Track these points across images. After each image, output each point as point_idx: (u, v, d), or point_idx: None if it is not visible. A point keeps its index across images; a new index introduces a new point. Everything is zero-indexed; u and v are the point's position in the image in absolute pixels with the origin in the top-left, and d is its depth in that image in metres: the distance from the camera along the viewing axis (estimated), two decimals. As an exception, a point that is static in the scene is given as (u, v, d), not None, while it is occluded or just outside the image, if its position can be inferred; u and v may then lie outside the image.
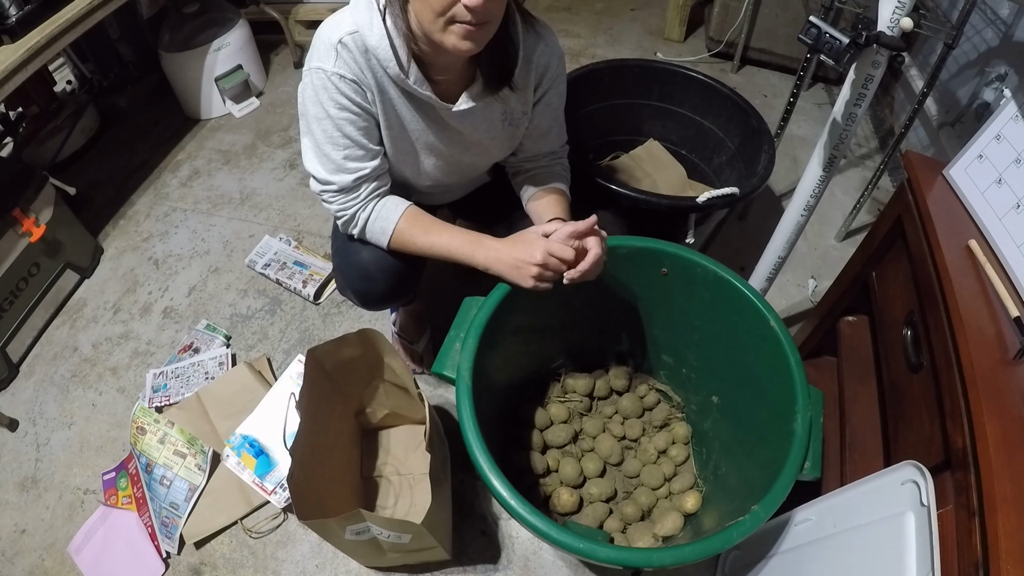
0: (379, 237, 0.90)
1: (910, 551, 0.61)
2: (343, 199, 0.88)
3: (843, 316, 1.09)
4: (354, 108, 0.82)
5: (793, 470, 0.77)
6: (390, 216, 0.89)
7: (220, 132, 2.01)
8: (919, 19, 1.00)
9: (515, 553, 1.10)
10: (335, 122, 0.82)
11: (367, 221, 0.90)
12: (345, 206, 0.89)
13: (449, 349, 0.90)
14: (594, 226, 0.84)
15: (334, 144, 0.84)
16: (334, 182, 0.86)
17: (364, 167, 0.86)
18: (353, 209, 0.89)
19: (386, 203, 0.90)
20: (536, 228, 0.87)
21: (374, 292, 0.98)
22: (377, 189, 0.90)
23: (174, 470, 1.16)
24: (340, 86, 0.80)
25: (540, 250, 0.82)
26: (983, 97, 1.40)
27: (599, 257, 0.84)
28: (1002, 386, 0.61)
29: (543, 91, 0.92)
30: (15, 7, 1.30)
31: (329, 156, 0.85)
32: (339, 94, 0.81)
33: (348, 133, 0.83)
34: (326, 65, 0.79)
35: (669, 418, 1.16)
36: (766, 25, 2.00)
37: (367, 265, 0.94)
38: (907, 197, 0.86)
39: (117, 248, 1.66)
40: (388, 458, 1.20)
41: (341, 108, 0.82)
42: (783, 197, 1.73)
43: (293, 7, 2.16)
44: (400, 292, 1.02)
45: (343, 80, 0.80)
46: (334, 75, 0.79)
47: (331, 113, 0.82)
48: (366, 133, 0.85)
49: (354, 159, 0.85)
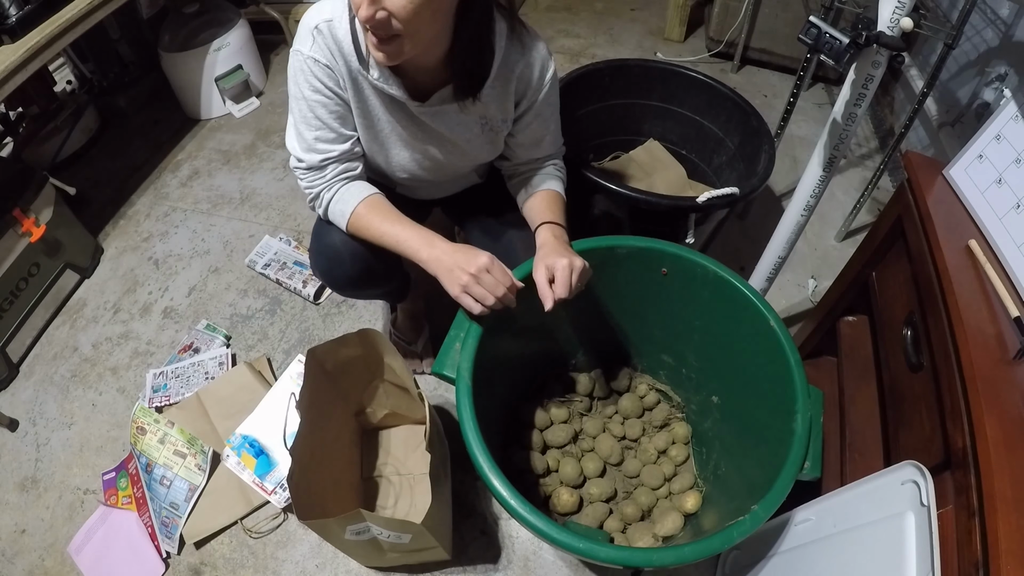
0: (339, 219, 0.92)
1: (910, 551, 0.61)
2: (311, 177, 0.91)
3: (843, 316, 1.08)
4: (327, 92, 0.84)
5: (793, 470, 0.77)
6: (351, 200, 0.90)
7: (220, 132, 2.02)
8: (919, 19, 1.00)
9: (515, 553, 1.10)
10: (309, 103, 0.85)
11: (330, 202, 0.92)
12: (312, 184, 0.91)
13: (449, 349, 0.90)
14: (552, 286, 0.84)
15: (308, 124, 0.87)
16: (304, 160, 0.89)
17: (332, 149, 0.88)
18: (318, 188, 0.91)
19: (351, 188, 0.91)
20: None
21: (340, 274, 0.99)
22: (344, 172, 0.91)
23: (174, 470, 1.16)
24: (314, 70, 0.83)
25: (480, 262, 0.82)
26: (983, 97, 1.40)
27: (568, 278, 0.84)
28: (1002, 386, 0.61)
29: (528, 103, 0.92)
30: (15, 7, 1.30)
31: (303, 135, 0.88)
32: (313, 77, 0.83)
33: (320, 115, 0.86)
34: (303, 48, 0.82)
35: (669, 418, 1.16)
36: (766, 25, 2.00)
37: (337, 246, 0.95)
38: (907, 197, 0.86)
39: (117, 248, 1.66)
40: (388, 458, 1.20)
41: (315, 91, 0.84)
42: (783, 197, 1.73)
43: (293, 7, 2.16)
44: (368, 279, 1.01)
45: (317, 64, 0.82)
46: (309, 59, 0.82)
47: (306, 95, 0.85)
48: (338, 117, 0.87)
49: (324, 141, 0.88)
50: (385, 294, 1.19)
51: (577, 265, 0.84)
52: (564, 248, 0.88)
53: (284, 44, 2.31)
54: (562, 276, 0.83)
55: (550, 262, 0.84)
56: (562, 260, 0.83)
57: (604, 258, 1.00)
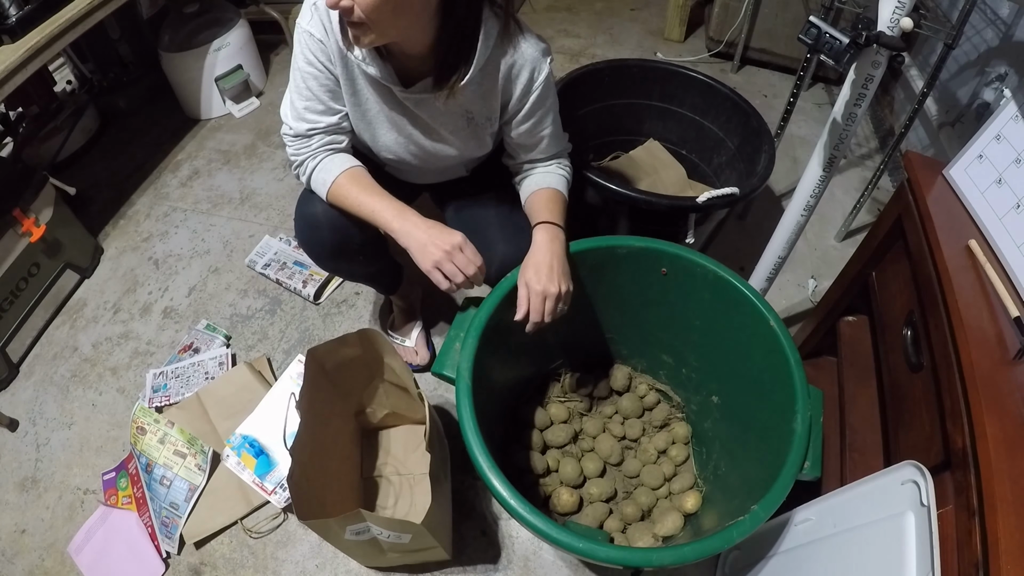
0: (320, 188, 0.94)
1: (910, 551, 0.61)
2: (297, 144, 0.93)
3: (843, 316, 1.09)
4: (318, 65, 0.87)
5: (793, 469, 0.77)
6: (333, 170, 0.92)
7: (220, 132, 2.01)
8: (919, 19, 1.00)
9: (515, 553, 1.10)
10: (302, 74, 0.88)
11: (313, 170, 0.94)
12: (298, 151, 0.94)
13: (449, 349, 0.90)
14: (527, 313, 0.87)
15: (300, 94, 0.90)
16: (293, 127, 0.92)
17: (320, 120, 0.91)
18: (303, 156, 0.93)
19: (334, 159, 0.94)
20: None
21: (318, 241, 1.00)
22: (329, 144, 0.93)
23: (174, 470, 1.16)
24: (308, 43, 0.86)
25: (454, 241, 0.85)
26: (983, 97, 1.40)
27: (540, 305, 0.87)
28: (1002, 386, 0.61)
29: (518, 105, 0.92)
30: (15, 7, 1.30)
31: (294, 104, 0.91)
32: (307, 49, 0.86)
33: (310, 87, 0.89)
34: (303, 21, 0.85)
35: (669, 418, 1.16)
36: (766, 25, 2.00)
37: (317, 214, 0.97)
38: (907, 197, 0.86)
39: (117, 248, 1.66)
40: (388, 458, 1.20)
41: (308, 63, 0.87)
42: (783, 197, 1.73)
43: (293, 7, 2.16)
44: (346, 251, 1.02)
45: (311, 38, 0.85)
46: (306, 32, 0.85)
47: (300, 66, 0.88)
48: (327, 91, 0.90)
49: (312, 112, 0.91)
50: (369, 277, 1.20)
51: (552, 292, 0.87)
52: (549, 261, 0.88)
53: (284, 44, 2.31)
54: (535, 303, 0.87)
55: (531, 282, 0.87)
56: (538, 287, 0.86)
57: (604, 258, 1.01)
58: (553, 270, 0.88)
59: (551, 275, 0.87)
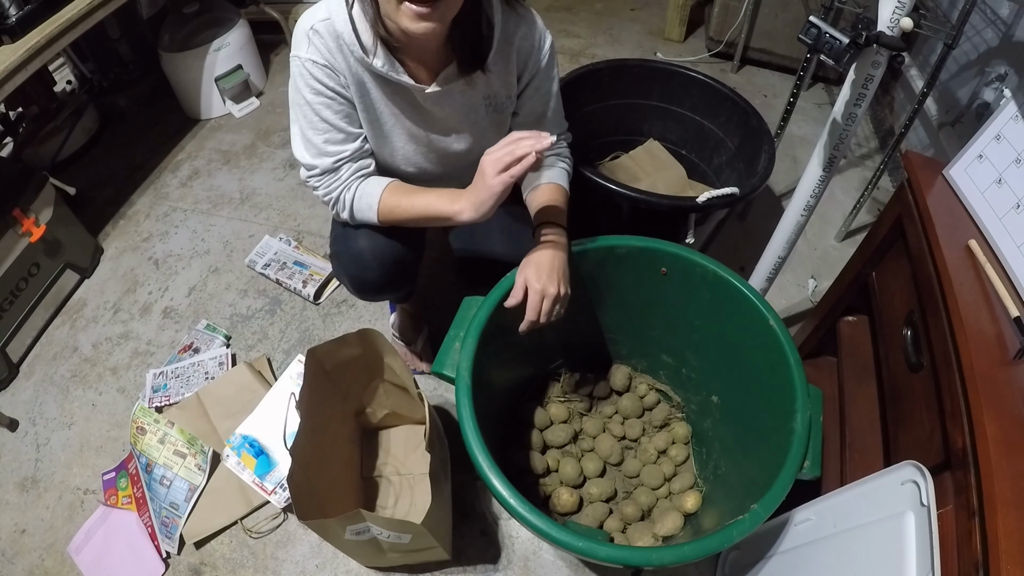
0: (367, 214, 0.91)
1: (910, 551, 0.61)
2: (327, 181, 0.90)
3: (843, 316, 1.08)
4: (328, 92, 0.85)
5: (793, 468, 0.77)
6: (374, 191, 0.90)
7: (220, 132, 2.01)
8: (919, 19, 1.00)
9: (515, 553, 1.10)
10: (313, 107, 0.86)
11: (353, 200, 0.91)
12: (329, 188, 0.91)
13: (449, 348, 0.90)
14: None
15: (315, 128, 0.87)
16: (317, 165, 0.89)
17: (344, 149, 0.89)
18: (338, 191, 0.91)
19: (370, 182, 0.92)
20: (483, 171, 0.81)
21: (369, 280, 0.99)
22: (359, 171, 0.91)
23: (174, 470, 1.16)
24: (313, 71, 0.83)
25: (488, 159, 0.79)
26: (983, 97, 1.40)
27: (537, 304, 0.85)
28: (1002, 386, 0.61)
29: (531, 74, 0.92)
30: (15, 7, 1.30)
31: (311, 140, 0.88)
32: (313, 79, 0.84)
33: (326, 117, 0.86)
34: (300, 52, 0.83)
35: (669, 418, 1.16)
36: (766, 25, 2.00)
37: (363, 253, 0.95)
38: (907, 197, 0.86)
39: (117, 248, 1.66)
40: (388, 458, 1.20)
41: (317, 93, 0.85)
42: (783, 197, 1.73)
43: (293, 7, 2.16)
44: (396, 283, 1.02)
45: (316, 65, 0.83)
46: (307, 61, 0.83)
47: (308, 99, 0.85)
48: (344, 116, 0.88)
49: (334, 142, 0.88)
50: (404, 296, 1.20)
51: (551, 293, 0.86)
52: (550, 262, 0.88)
53: (284, 44, 2.30)
54: (533, 301, 0.86)
55: (531, 279, 0.86)
56: (537, 285, 0.85)
57: (604, 258, 1.01)
58: (554, 270, 0.87)
59: (551, 275, 0.87)
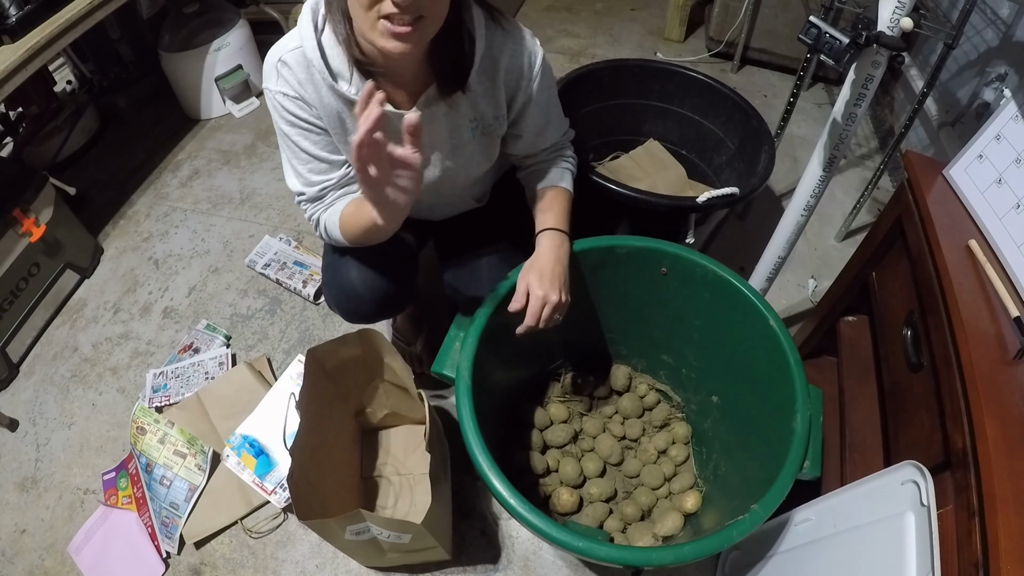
0: (335, 234, 0.88)
1: (910, 551, 0.61)
2: (312, 207, 0.89)
3: (843, 316, 1.08)
4: (303, 124, 0.83)
5: (793, 468, 0.77)
6: (338, 207, 0.87)
7: (220, 132, 2.02)
8: (919, 19, 1.00)
9: (515, 553, 1.10)
10: (291, 138, 0.84)
11: (326, 223, 0.88)
12: (313, 212, 0.89)
13: (449, 349, 0.90)
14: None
15: (297, 158, 0.86)
16: (305, 192, 0.88)
17: (329, 178, 0.87)
18: (318, 214, 0.89)
19: (339, 203, 0.88)
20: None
21: (360, 311, 0.98)
22: (342, 196, 0.89)
23: (174, 470, 1.16)
24: (285, 104, 0.81)
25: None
26: (983, 97, 1.40)
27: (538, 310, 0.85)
28: (1002, 386, 0.61)
29: (525, 96, 0.88)
30: (15, 7, 1.30)
31: (297, 169, 0.87)
32: (286, 112, 0.82)
33: (305, 148, 0.85)
34: (271, 85, 0.81)
35: (669, 418, 1.16)
36: (766, 25, 2.00)
37: (354, 284, 0.94)
38: (907, 197, 0.86)
39: (117, 248, 1.66)
40: (388, 458, 1.20)
41: (291, 124, 0.83)
42: (783, 197, 1.73)
43: (293, 7, 2.16)
44: (387, 310, 1.01)
45: (286, 98, 0.81)
46: (278, 93, 0.81)
47: (285, 130, 0.84)
48: (324, 146, 0.85)
49: (317, 172, 0.86)
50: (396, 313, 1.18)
51: (552, 300, 0.86)
52: (553, 268, 0.87)
53: (284, 44, 2.30)
54: (534, 307, 0.85)
55: (533, 285, 0.86)
56: (539, 291, 0.85)
57: (604, 258, 1.01)
58: (556, 277, 0.87)
59: (553, 282, 0.86)
